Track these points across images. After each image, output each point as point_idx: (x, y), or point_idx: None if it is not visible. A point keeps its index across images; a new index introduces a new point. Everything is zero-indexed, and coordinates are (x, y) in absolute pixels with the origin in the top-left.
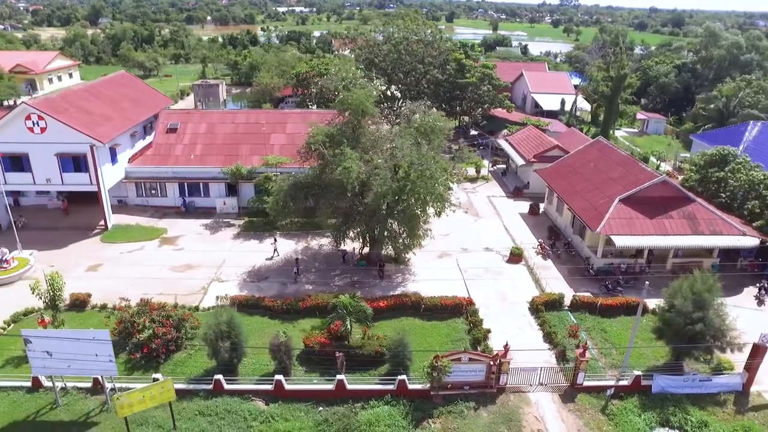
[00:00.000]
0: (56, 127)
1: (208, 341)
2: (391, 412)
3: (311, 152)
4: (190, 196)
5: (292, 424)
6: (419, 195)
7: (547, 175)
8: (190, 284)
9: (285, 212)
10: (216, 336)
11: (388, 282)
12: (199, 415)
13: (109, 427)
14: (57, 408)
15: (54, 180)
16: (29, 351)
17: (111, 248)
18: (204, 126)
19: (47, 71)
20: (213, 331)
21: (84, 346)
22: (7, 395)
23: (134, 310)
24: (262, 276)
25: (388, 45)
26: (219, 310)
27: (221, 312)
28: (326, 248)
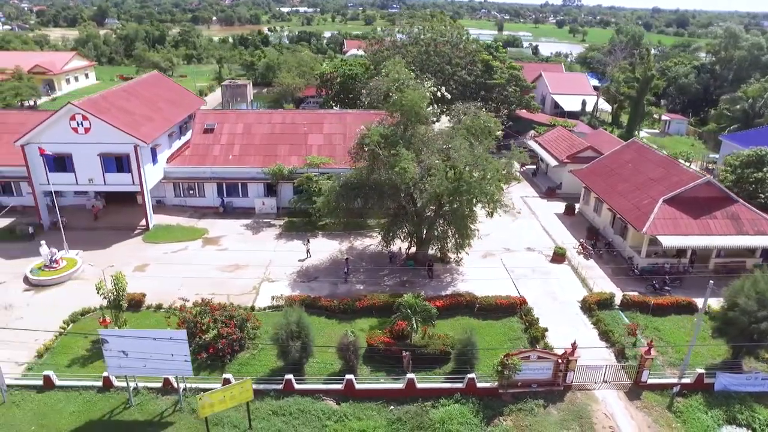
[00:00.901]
0: (100, 127)
1: (279, 341)
2: (462, 410)
3: (363, 152)
4: (229, 197)
5: (365, 423)
6: (473, 196)
7: (583, 175)
8: (240, 284)
9: (335, 212)
10: (287, 336)
11: (438, 282)
12: (273, 415)
13: (185, 427)
14: (130, 408)
15: (96, 180)
16: (105, 351)
17: (155, 248)
18: (240, 126)
19: (65, 72)
20: (284, 331)
21: (160, 346)
22: (79, 394)
23: (197, 311)
24: (311, 276)
25: (417, 46)
26: (288, 311)
27: (290, 312)
28: (371, 248)
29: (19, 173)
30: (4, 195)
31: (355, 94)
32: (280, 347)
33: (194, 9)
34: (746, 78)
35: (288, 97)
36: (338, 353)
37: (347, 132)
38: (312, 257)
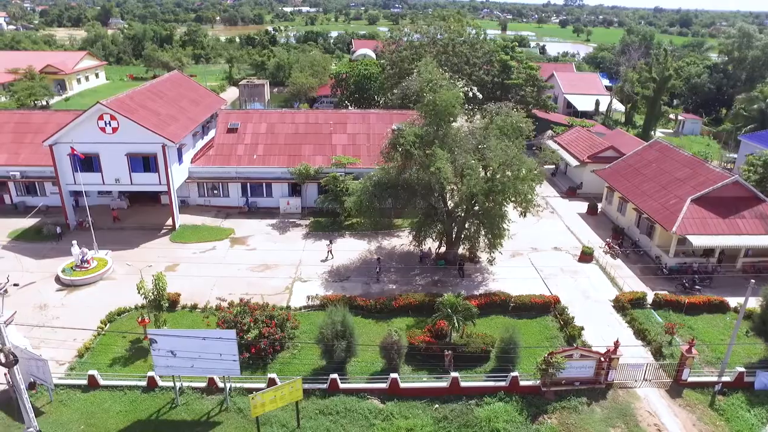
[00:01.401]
0: (128, 127)
1: (325, 340)
2: (506, 408)
3: (395, 152)
4: (253, 196)
5: (412, 421)
6: (507, 195)
7: (607, 175)
8: (273, 284)
9: (367, 212)
10: (333, 335)
11: (469, 281)
12: (320, 414)
13: (233, 427)
14: (176, 407)
15: (123, 180)
16: (153, 350)
17: (183, 248)
18: (264, 126)
19: (76, 71)
20: (329, 330)
21: (209, 346)
22: (124, 394)
23: (237, 311)
24: (343, 276)
25: (436, 46)
26: (332, 310)
27: (335, 312)
28: (399, 248)
29: (43, 173)
30: (28, 195)
31: (371, 93)
32: (325, 346)
33: (197, 9)
34: (760, 78)
35: (302, 96)
36: (381, 352)
37: (371, 132)
38: (341, 257)
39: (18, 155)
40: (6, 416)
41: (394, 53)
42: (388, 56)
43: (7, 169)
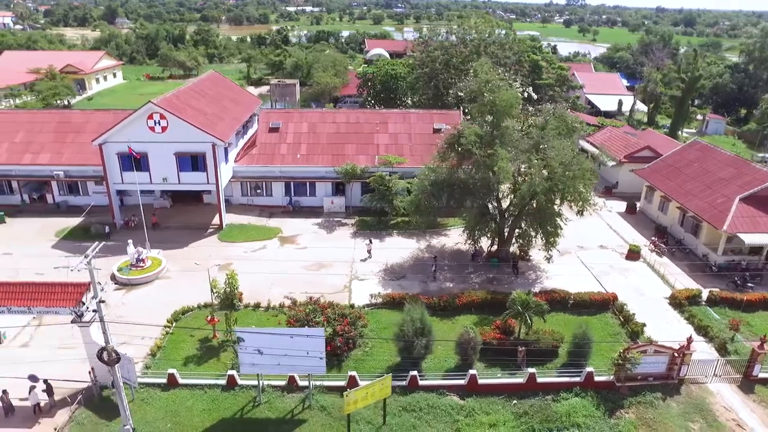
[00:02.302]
0: (178, 126)
1: (406, 337)
2: (583, 403)
3: (452, 151)
4: (296, 196)
5: (493, 417)
6: (567, 194)
7: (647, 175)
8: (330, 282)
9: (425, 210)
10: (414, 332)
11: (524, 279)
12: (404, 411)
13: (318, 425)
14: (259, 406)
15: (171, 179)
16: (240, 349)
17: (233, 247)
18: (305, 125)
19: (95, 71)
20: (410, 327)
21: (297, 344)
22: (204, 393)
23: (309, 309)
24: (399, 274)
25: (470, 47)
26: (410, 308)
27: (413, 310)
28: (448, 246)
29: (85, 172)
30: (71, 194)
31: (399, 93)
32: (404, 343)
33: (200, 8)
34: None
35: (326, 96)
36: (457, 349)
37: (412, 132)
38: (393, 256)
39: (61, 155)
40: (92, 414)
41: (425, 53)
42: (419, 56)
43: (51, 168)
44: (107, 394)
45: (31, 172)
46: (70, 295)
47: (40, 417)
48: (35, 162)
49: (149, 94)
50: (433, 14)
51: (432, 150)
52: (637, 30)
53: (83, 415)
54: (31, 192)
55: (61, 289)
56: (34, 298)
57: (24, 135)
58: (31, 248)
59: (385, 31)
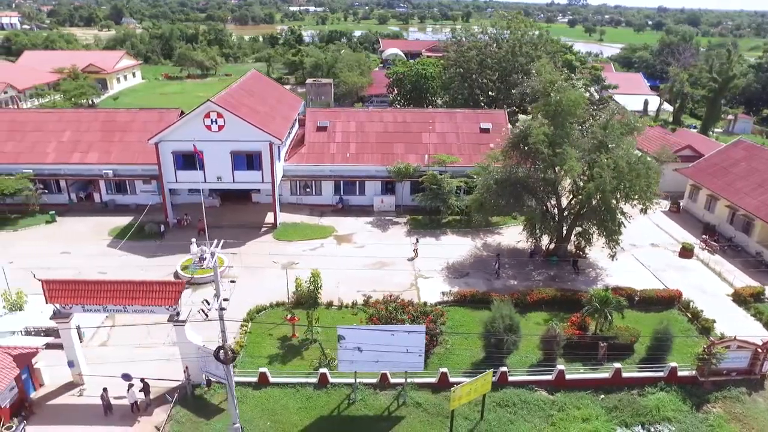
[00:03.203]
0: (235, 125)
1: (496, 333)
2: (669, 398)
3: (516, 150)
4: (345, 194)
5: (584, 411)
6: (634, 193)
7: (692, 174)
8: (396, 281)
9: (490, 209)
10: (505, 328)
11: (584, 276)
12: (498, 406)
13: (416, 421)
14: (354, 403)
15: (225, 178)
16: (341, 347)
17: (291, 246)
18: (353, 125)
19: (116, 71)
20: (501, 324)
21: (397, 341)
22: (296, 391)
23: (391, 307)
24: (462, 272)
25: (505, 47)
26: (498, 305)
27: (501, 306)
28: (504, 245)
29: (134, 171)
30: (119, 193)
31: (429, 93)
32: (490, 340)
33: (203, 8)
34: None
35: (354, 95)
36: (541, 345)
37: (459, 131)
38: (452, 253)
39: (109, 153)
40: (189, 413)
41: (458, 53)
42: (452, 56)
43: (100, 167)
44: (199, 393)
45: (79, 171)
46: (168, 294)
47: (138, 415)
48: (84, 161)
49: (171, 94)
50: (436, 14)
51: (480, 149)
52: (642, 30)
53: (180, 413)
54: (78, 191)
55: (160, 288)
56: (131, 297)
57: (71, 134)
58: (87, 247)
59: (398, 31)
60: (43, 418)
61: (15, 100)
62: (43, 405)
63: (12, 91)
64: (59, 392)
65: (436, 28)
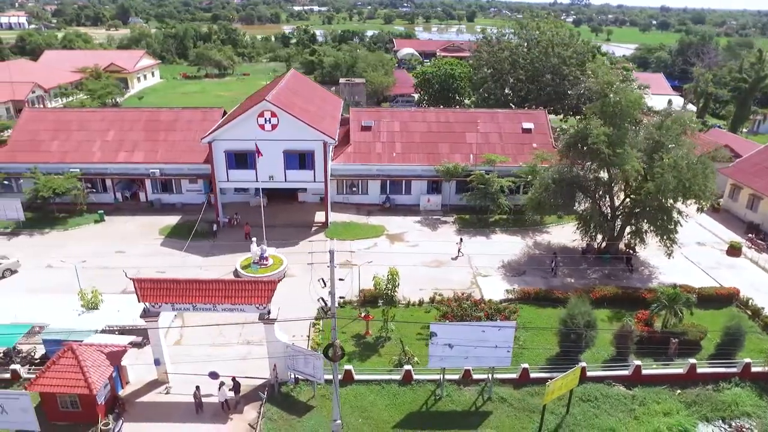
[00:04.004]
0: (289, 124)
1: (577, 329)
2: (745, 393)
3: (573, 150)
4: (391, 194)
5: (664, 406)
6: (689, 193)
7: (733, 173)
8: (456, 278)
9: (548, 208)
10: (585, 324)
11: (638, 274)
12: (581, 401)
13: (504, 415)
14: (441, 399)
15: (277, 177)
16: (432, 344)
17: (344, 245)
18: (397, 124)
19: (137, 70)
20: (581, 319)
21: (487, 337)
22: (382, 388)
23: (466, 305)
24: (519, 270)
25: (539, 48)
26: (575, 302)
27: (578, 304)
28: (553, 243)
29: (180, 171)
30: (165, 192)
31: (458, 93)
32: (573, 335)
33: (207, 8)
34: None
35: (379, 95)
36: (614, 341)
37: (501, 131)
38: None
39: (155, 153)
40: (279, 410)
41: (490, 54)
42: (485, 57)
43: (146, 166)
44: (285, 390)
45: (126, 170)
46: (261, 292)
47: (229, 413)
48: (130, 160)
49: (192, 93)
50: (440, 14)
51: (523, 149)
52: (647, 30)
53: (271, 411)
54: (122, 190)
55: (252, 286)
56: (222, 296)
57: (115, 133)
58: (141, 246)
59: (408, 30)
60: (136, 416)
61: (41, 99)
62: (132, 402)
63: (39, 91)
64: (145, 390)
65: (442, 28)
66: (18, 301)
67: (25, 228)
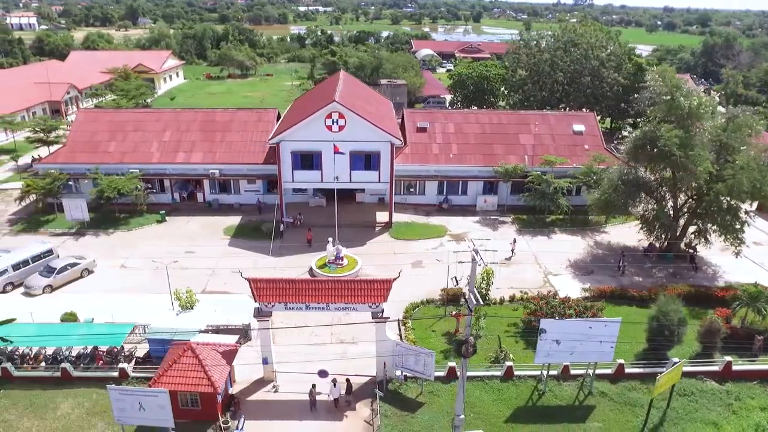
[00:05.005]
0: (357, 125)
1: (670, 326)
2: None
3: (642, 152)
4: (448, 194)
5: (759, 401)
6: (759, 193)
7: None
8: (527, 277)
9: (616, 208)
10: (678, 322)
11: (703, 273)
12: (679, 395)
13: (607, 409)
14: (544, 394)
15: (342, 178)
16: (541, 340)
17: (411, 244)
18: (452, 126)
19: (163, 71)
20: (675, 317)
21: (593, 333)
22: (485, 384)
23: (556, 303)
24: (587, 269)
25: (579, 50)
26: (666, 300)
27: (669, 301)
28: (613, 242)
29: (240, 171)
30: (223, 193)
31: (493, 94)
32: (665, 332)
33: (212, 8)
34: None
35: (411, 96)
36: (700, 337)
37: (554, 132)
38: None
39: (213, 153)
40: (391, 407)
41: (530, 56)
42: (524, 59)
43: (206, 166)
44: (393, 388)
45: (185, 170)
46: (378, 291)
47: (344, 410)
48: (189, 161)
49: (219, 94)
50: (446, 14)
51: (576, 151)
52: (654, 30)
53: (383, 408)
54: (179, 190)
55: (368, 285)
56: (336, 295)
57: (171, 134)
58: (209, 247)
59: (417, 31)
60: (253, 413)
61: (76, 100)
62: (244, 400)
63: (73, 91)
64: (254, 388)
65: (449, 28)
66: (112, 301)
67: (90, 228)
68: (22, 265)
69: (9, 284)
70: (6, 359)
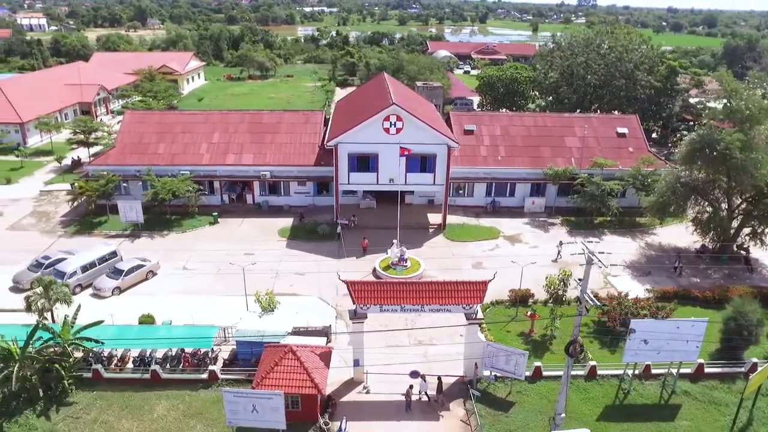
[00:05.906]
0: (414, 128)
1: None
2: None
3: (699, 155)
4: (496, 196)
5: None
6: None
7: None
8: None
9: (674, 210)
10: (756, 323)
11: (758, 274)
12: (761, 395)
13: (692, 408)
14: (630, 393)
15: (398, 180)
16: (629, 340)
17: (467, 246)
18: (498, 128)
19: (187, 72)
20: (753, 318)
21: (680, 333)
22: (570, 383)
23: (628, 303)
24: (644, 270)
25: (613, 53)
26: (742, 301)
27: (744, 302)
28: (664, 243)
29: (290, 173)
30: (272, 194)
31: (523, 97)
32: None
33: (216, 9)
34: None
35: (438, 98)
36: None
37: (598, 135)
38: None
39: (263, 155)
40: (483, 406)
41: (564, 58)
42: (558, 61)
43: (256, 168)
44: (482, 387)
45: (235, 172)
46: (474, 293)
47: (438, 410)
48: (239, 162)
49: (242, 95)
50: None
51: (620, 153)
52: (661, 31)
53: (477, 407)
54: (228, 192)
55: (464, 287)
56: (433, 297)
57: (219, 136)
58: (267, 249)
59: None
60: (351, 414)
61: (105, 101)
62: (338, 402)
63: (103, 93)
64: (345, 390)
65: (455, 29)
66: (184, 303)
67: (143, 230)
68: (89, 267)
69: (77, 286)
70: (95, 361)
